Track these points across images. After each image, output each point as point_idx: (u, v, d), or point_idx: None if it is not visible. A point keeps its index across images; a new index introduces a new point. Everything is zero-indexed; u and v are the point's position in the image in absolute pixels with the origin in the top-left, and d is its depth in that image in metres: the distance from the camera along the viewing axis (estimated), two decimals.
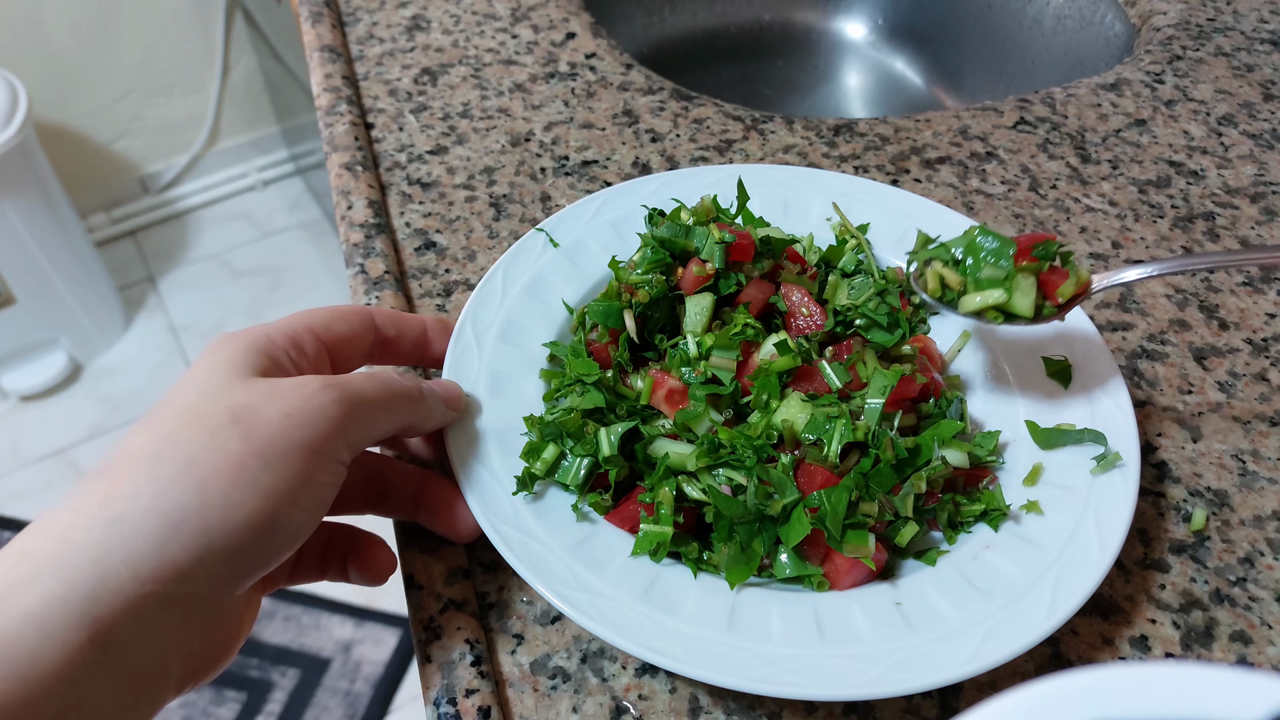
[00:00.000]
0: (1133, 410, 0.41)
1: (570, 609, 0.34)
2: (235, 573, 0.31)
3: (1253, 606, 0.40)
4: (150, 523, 0.29)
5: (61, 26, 1.68)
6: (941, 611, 0.35)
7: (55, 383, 1.69)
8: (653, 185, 0.51)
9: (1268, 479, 0.45)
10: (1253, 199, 0.60)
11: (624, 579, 0.36)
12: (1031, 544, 0.38)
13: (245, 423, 0.31)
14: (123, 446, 0.31)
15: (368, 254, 0.53)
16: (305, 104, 1.60)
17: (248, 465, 0.30)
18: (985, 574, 0.37)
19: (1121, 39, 0.78)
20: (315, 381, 0.33)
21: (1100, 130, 0.64)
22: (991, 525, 0.39)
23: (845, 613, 0.36)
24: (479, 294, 0.45)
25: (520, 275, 0.46)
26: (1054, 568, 0.36)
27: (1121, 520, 0.37)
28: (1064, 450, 0.41)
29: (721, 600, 0.36)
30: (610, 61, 0.68)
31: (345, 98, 0.63)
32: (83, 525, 0.28)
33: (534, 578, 0.35)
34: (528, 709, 0.37)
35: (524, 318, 0.45)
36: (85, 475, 0.31)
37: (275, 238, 1.99)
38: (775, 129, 0.63)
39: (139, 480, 0.29)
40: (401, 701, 1.33)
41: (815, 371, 0.41)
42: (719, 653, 0.34)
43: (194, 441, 0.30)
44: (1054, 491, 0.39)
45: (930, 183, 0.60)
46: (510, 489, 0.38)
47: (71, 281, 1.64)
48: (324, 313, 0.38)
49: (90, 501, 0.29)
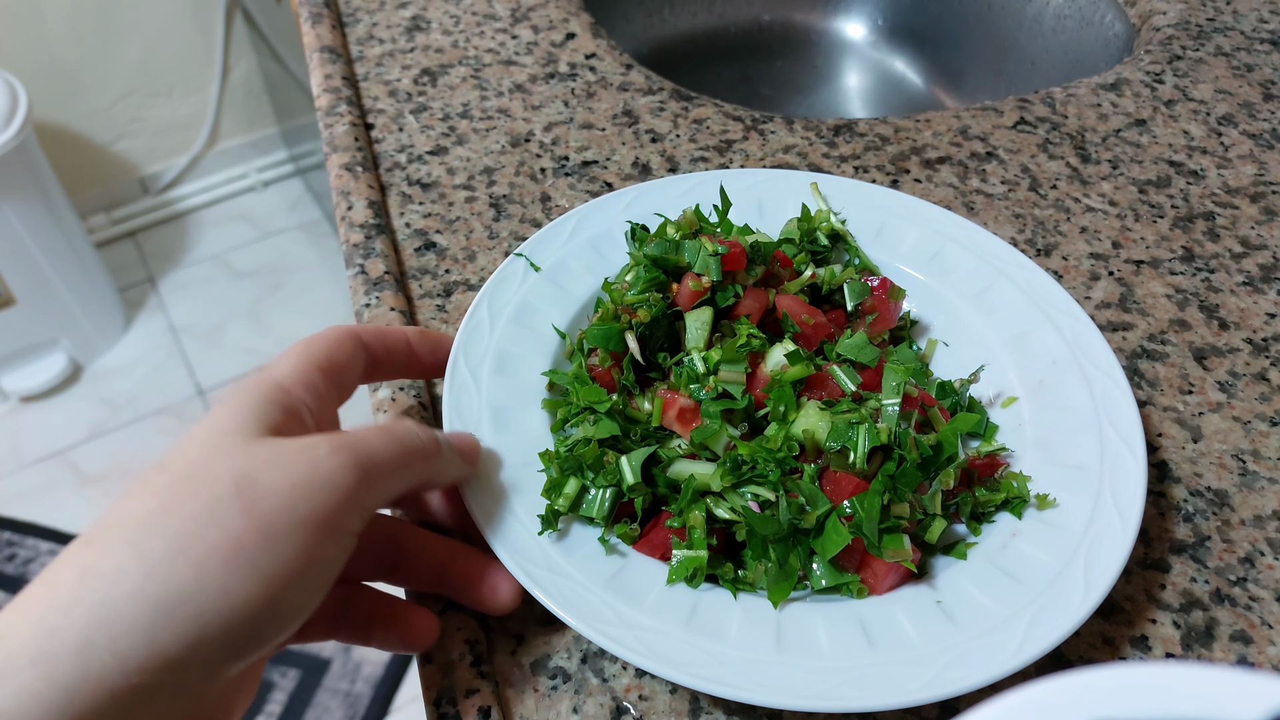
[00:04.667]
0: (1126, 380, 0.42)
1: (619, 647, 0.34)
2: (228, 658, 0.28)
3: (1253, 606, 0.40)
4: (138, 608, 0.26)
5: (61, 27, 1.68)
6: (982, 605, 0.36)
7: (55, 384, 1.69)
8: (625, 199, 0.50)
9: (1268, 479, 0.45)
10: (1253, 199, 0.60)
11: (664, 609, 0.35)
12: (1056, 527, 0.38)
13: (246, 493, 0.28)
14: (113, 510, 0.29)
15: (368, 254, 0.53)
16: (305, 105, 1.60)
17: (246, 544, 0.28)
18: (1017, 562, 0.37)
19: (1121, 39, 0.78)
20: (324, 444, 0.31)
21: (1100, 130, 0.64)
22: (1014, 513, 0.39)
23: (890, 618, 0.35)
24: (467, 327, 0.44)
25: (506, 303, 0.45)
26: (1081, 549, 0.37)
27: (1136, 494, 0.38)
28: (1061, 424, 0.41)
29: (766, 620, 0.35)
30: (610, 62, 0.68)
31: (345, 98, 0.63)
32: (64, 608, 0.26)
33: (576, 619, 0.34)
34: (528, 709, 0.37)
35: (516, 347, 0.44)
36: (70, 544, 0.28)
37: (275, 238, 1.99)
38: (775, 129, 0.63)
39: (127, 557, 0.27)
40: (401, 702, 1.33)
41: (826, 377, 0.41)
42: (775, 674, 0.33)
43: (190, 515, 0.28)
44: (1066, 472, 0.40)
45: (930, 183, 0.60)
46: (532, 529, 0.37)
47: (71, 282, 1.64)
48: (321, 345, 0.36)
49: (72, 578, 0.27)
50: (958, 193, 0.59)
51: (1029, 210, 0.58)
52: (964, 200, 0.59)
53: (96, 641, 0.26)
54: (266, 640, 0.29)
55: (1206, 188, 0.60)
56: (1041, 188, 0.60)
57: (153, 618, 0.26)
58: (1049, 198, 0.59)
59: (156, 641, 0.26)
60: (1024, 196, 0.59)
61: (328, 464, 0.30)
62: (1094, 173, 0.61)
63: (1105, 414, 0.41)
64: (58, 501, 1.56)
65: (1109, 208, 0.59)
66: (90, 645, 0.25)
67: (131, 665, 0.26)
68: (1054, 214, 0.58)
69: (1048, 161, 0.62)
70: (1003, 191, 0.59)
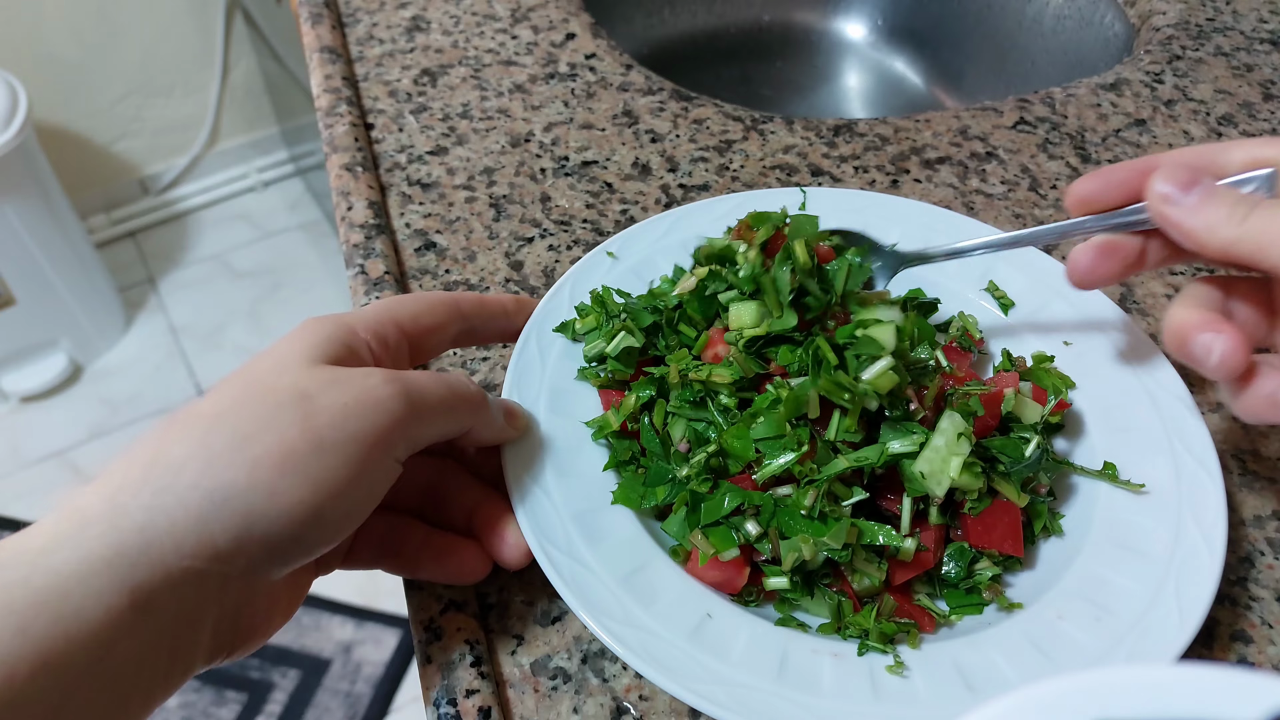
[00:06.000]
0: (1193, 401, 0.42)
1: (619, 645, 0.34)
2: (272, 560, 0.30)
3: (1253, 606, 0.40)
4: (194, 497, 0.29)
5: (61, 27, 1.68)
6: (1072, 638, 0.35)
7: (55, 384, 1.69)
8: (726, 205, 0.50)
9: (1268, 479, 0.45)
10: None
11: (673, 616, 0.35)
12: (1140, 554, 0.37)
13: (304, 406, 0.31)
14: (190, 407, 0.31)
15: (368, 255, 0.53)
16: (305, 105, 1.60)
17: (299, 450, 0.30)
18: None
19: (1121, 39, 0.78)
20: (378, 374, 0.33)
21: (1100, 130, 0.64)
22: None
23: (904, 670, 0.35)
24: (546, 306, 0.44)
25: (587, 291, 0.45)
26: (1170, 576, 0.36)
27: (1219, 517, 0.38)
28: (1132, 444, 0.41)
29: (772, 647, 0.35)
30: (610, 62, 0.68)
31: (345, 99, 0.63)
32: (132, 489, 0.29)
33: (582, 609, 0.34)
34: (528, 710, 0.37)
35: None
36: (149, 429, 0.31)
37: (275, 239, 1.99)
38: (775, 129, 0.63)
39: (192, 449, 0.29)
40: (402, 702, 1.33)
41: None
42: (766, 704, 0.33)
43: (251, 419, 0.30)
44: (1141, 498, 0.39)
45: (930, 183, 0.60)
46: (560, 507, 0.37)
47: (72, 282, 1.64)
48: (411, 303, 0.38)
49: (144, 462, 0.29)
50: (958, 193, 0.59)
51: (1029, 210, 0.58)
52: (964, 200, 0.59)
53: (157, 522, 0.28)
54: (309, 546, 0.31)
55: None
56: (1041, 188, 0.60)
57: (205, 508, 0.29)
58: (1049, 198, 0.59)
59: (207, 531, 0.28)
60: (1024, 197, 0.59)
61: (381, 391, 0.32)
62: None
63: (1176, 434, 0.40)
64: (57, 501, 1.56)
65: None
66: (152, 524, 0.28)
67: (185, 549, 0.28)
68: (1054, 214, 0.58)
69: (1048, 162, 0.62)
70: (1003, 191, 0.59)
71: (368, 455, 0.31)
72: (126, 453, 0.30)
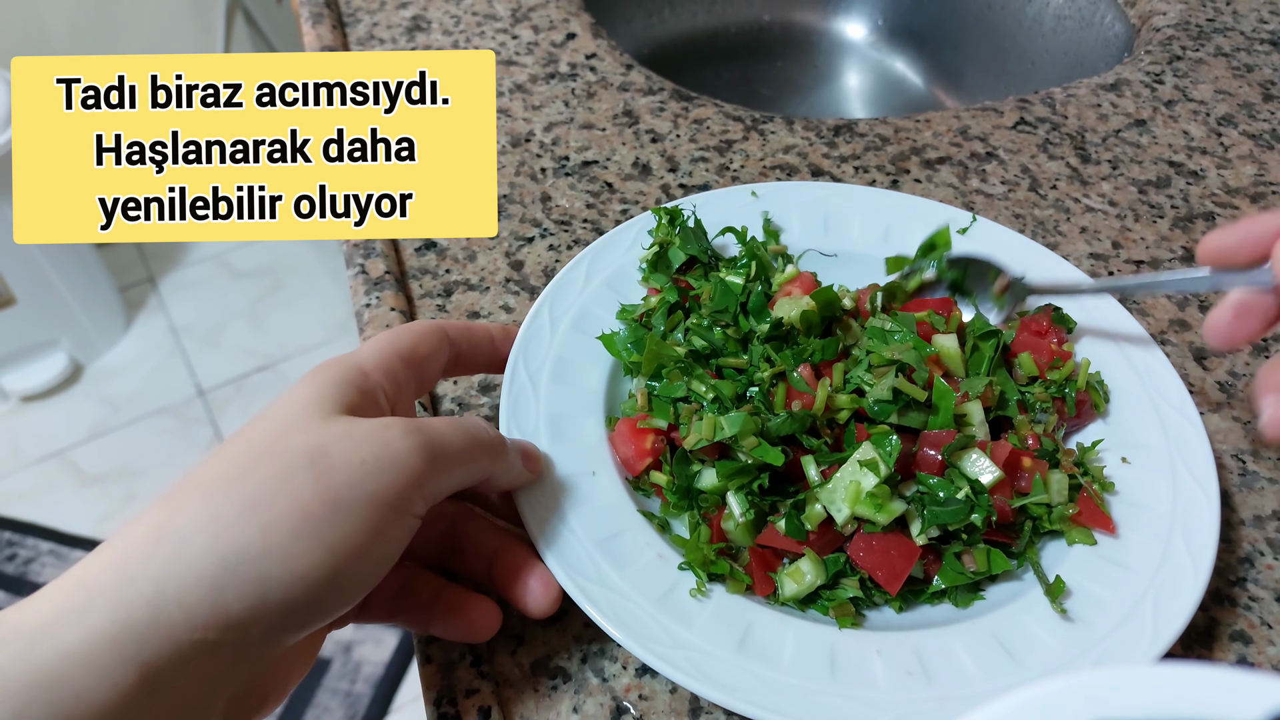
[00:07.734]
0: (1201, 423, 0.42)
1: (671, 669, 0.33)
2: (288, 626, 0.29)
3: (1253, 606, 0.40)
4: (206, 565, 0.27)
5: (61, 27, 1.68)
6: (1043, 641, 0.35)
7: (56, 383, 1.69)
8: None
9: (1268, 479, 0.45)
10: (1253, 199, 0.60)
11: (716, 630, 0.35)
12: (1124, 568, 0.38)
13: (318, 465, 0.29)
14: (193, 473, 0.30)
15: (368, 254, 0.53)
16: None
17: (314, 514, 0.28)
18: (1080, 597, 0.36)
19: (1121, 39, 0.78)
20: (396, 426, 0.31)
21: (1100, 130, 0.64)
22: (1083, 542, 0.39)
23: (947, 651, 0.35)
24: (527, 332, 0.43)
25: (567, 309, 0.45)
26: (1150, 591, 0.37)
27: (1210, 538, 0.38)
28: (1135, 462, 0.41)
29: (820, 646, 0.35)
30: (610, 62, 0.68)
31: None
32: (139, 559, 0.27)
33: (627, 638, 0.34)
34: (528, 709, 0.37)
35: (575, 354, 0.44)
36: (150, 501, 0.30)
37: None
38: (775, 129, 0.63)
39: (199, 516, 0.28)
40: (402, 702, 1.33)
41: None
42: (829, 705, 0.33)
43: (262, 482, 0.29)
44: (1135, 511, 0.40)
45: (930, 183, 0.60)
46: (584, 539, 0.37)
47: (72, 282, 1.64)
48: (406, 335, 0.37)
49: (149, 532, 0.28)
50: (958, 193, 0.59)
51: (1029, 210, 0.58)
52: (964, 200, 0.59)
53: (167, 593, 0.27)
54: (326, 611, 0.30)
55: (1206, 188, 0.60)
56: (1041, 188, 0.60)
57: (218, 576, 0.27)
58: (1049, 198, 0.59)
59: (220, 600, 0.27)
60: (1024, 197, 0.59)
61: (399, 445, 0.31)
62: (1094, 173, 0.61)
63: (1179, 454, 0.41)
64: (58, 501, 1.56)
65: (1109, 208, 0.59)
66: (161, 595, 0.26)
67: (197, 620, 0.27)
68: (1054, 214, 0.58)
69: (1048, 162, 0.62)
70: (1003, 192, 0.59)
71: (386, 515, 0.30)
72: (128, 523, 0.29)
